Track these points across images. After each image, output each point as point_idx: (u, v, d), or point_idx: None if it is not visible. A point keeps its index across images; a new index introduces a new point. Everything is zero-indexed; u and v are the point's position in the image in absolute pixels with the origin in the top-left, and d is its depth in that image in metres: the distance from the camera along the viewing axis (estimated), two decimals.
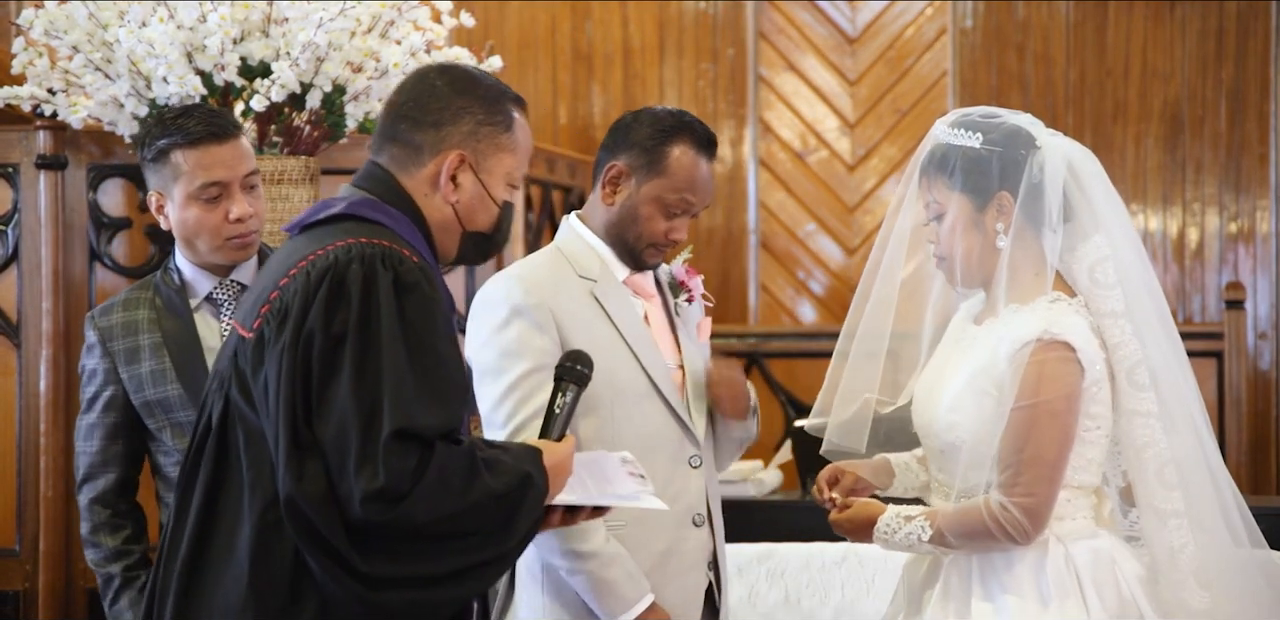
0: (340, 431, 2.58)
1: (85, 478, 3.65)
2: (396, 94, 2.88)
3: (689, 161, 3.40)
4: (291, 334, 2.64)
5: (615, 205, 3.42)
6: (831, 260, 8.00)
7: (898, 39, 7.99)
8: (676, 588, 3.40)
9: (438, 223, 2.83)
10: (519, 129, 2.86)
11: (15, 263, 5.26)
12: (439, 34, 5.05)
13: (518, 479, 2.67)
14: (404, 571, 2.61)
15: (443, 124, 2.81)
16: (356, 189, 2.84)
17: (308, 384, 2.62)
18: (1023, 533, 3.05)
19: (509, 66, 7.51)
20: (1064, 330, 3.06)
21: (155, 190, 3.60)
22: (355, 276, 2.64)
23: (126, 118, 4.85)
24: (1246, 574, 3.19)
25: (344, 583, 2.60)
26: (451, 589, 2.65)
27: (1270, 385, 7.61)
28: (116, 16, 4.80)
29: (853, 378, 3.33)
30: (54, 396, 5.16)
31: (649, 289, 3.50)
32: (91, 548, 3.65)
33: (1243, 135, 7.79)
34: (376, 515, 2.56)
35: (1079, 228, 3.16)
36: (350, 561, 2.59)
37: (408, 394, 2.59)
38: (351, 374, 2.59)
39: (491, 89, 2.86)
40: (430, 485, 2.57)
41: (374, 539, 2.59)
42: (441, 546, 2.62)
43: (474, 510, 2.62)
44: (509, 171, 2.85)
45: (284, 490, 2.60)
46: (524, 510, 2.68)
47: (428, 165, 2.81)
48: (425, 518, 2.58)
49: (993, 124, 3.17)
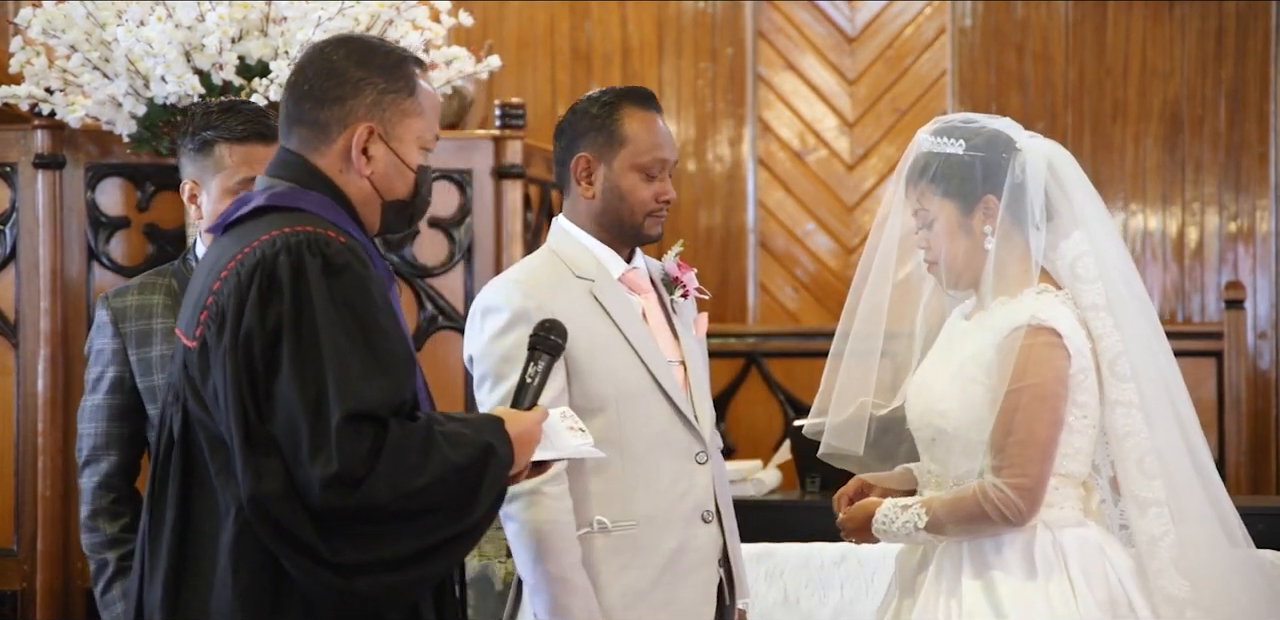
0: (290, 424, 2.59)
1: (88, 460, 3.63)
2: (295, 74, 2.87)
3: (642, 121, 3.42)
4: (230, 336, 2.65)
5: (596, 194, 3.42)
6: (831, 259, 7.99)
7: (897, 38, 7.98)
8: (689, 586, 3.40)
9: (358, 197, 2.83)
10: (423, 92, 2.86)
11: (13, 262, 5.26)
12: (438, 33, 5.05)
13: (479, 450, 2.68)
14: (373, 555, 2.61)
15: (345, 98, 2.81)
16: (272, 179, 2.84)
17: (254, 383, 2.62)
18: (1016, 513, 3.11)
19: (507, 66, 7.52)
20: (1050, 317, 3.14)
21: (191, 179, 3.61)
22: (284, 268, 2.65)
23: (125, 117, 4.85)
24: (1230, 564, 3.24)
25: (316, 575, 2.61)
26: (423, 568, 2.65)
27: (1270, 385, 7.60)
28: (114, 15, 4.80)
29: (847, 380, 3.38)
30: (52, 396, 5.16)
31: (644, 285, 3.50)
32: (89, 533, 3.63)
33: (1242, 135, 7.78)
34: (337, 500, 2.57)
35: (1060, 225, 3.24)
36: (319, 553, 2.59)
37: (352, 375, 2.60)
38: (292, 366, 2.60)
39: (390, 55, 2.85)
40: (388, 464, 2.58)
41: (340, 527, 2.60)
42: (407, 525, 2.63)
43: (436, 485, 2.62)
44: (419, 135, 2.86)
45: (245, 490, 2.61)
46: (487, 481, 2.69)
47: (337, 142, 2.82)
48: (387, 497, 2.58)
49: (973, 130, 3.25)
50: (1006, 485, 3.10)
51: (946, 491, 3.22)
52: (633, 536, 3.34)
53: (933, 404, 3.22)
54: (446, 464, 2.64)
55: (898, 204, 3.31)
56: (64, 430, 5.11)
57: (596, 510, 3.33)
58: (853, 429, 3.36)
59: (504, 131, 5.58)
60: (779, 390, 7.47)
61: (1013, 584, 3.14)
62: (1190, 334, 7.39)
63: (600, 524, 3.33)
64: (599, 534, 3.33)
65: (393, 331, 2.68)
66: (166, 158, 5.08)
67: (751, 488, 5.58)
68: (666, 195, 3.43)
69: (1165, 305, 7.77)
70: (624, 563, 3.34)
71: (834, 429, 3.37)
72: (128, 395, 3.61)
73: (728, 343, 7.52)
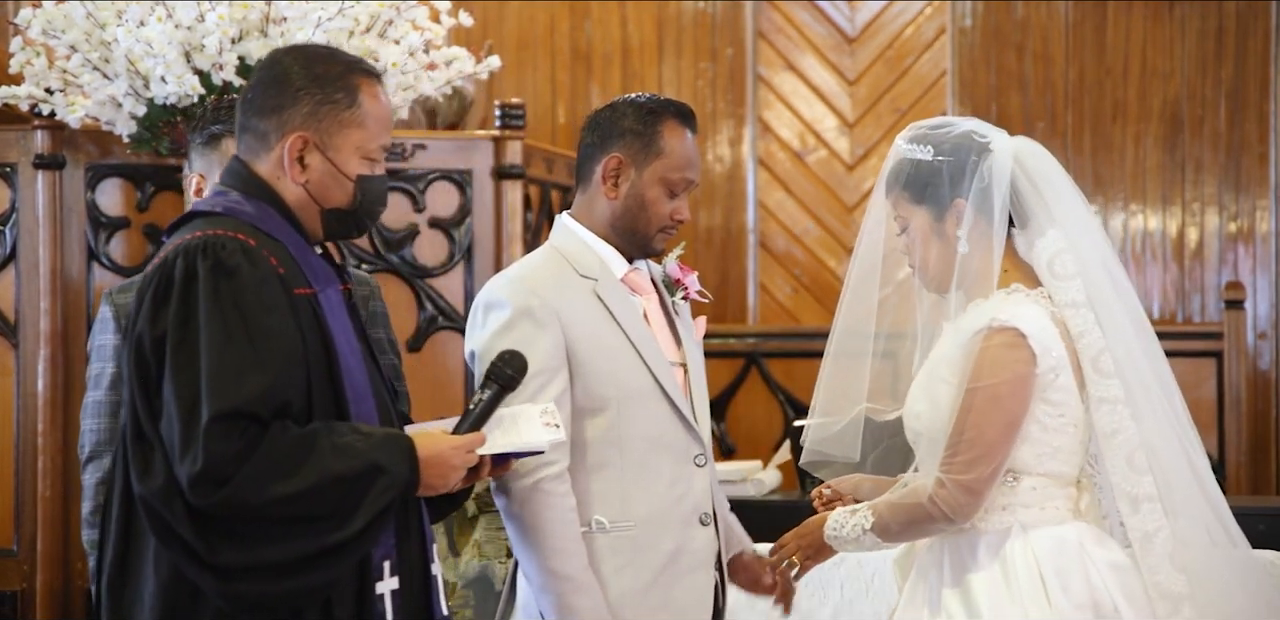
0: (168, 424, 2.66)
1: (90, 456, 3.64)
2: (246, 84, 2.96)
3: (681, 138, 3.43)
4: (128, 338, 2.75)
5: (619, 197, 3.42)
6: (831, 259, 7.99)
7: (897, 38, 7.98)
8: (686, 587, 3.39)
9: (295, 204, 2.89)
10: (366, 102, 2.90)
11: (13, 262, 5.26)
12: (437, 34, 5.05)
13: (364, 465, 2.71)
14: (248, 559, 2.66)
15: (283, 108, 2.88)
16: (221, 185, 2.93)
17: (145, 383, 2.70)
18: (955, 509, 3.13)
19: (507, 66, 7.52)
20: (1011, 317, 3.14)
21: (198, 172, 3.62)
22: (179, 272, 2.73)
23: (124, 117, 4.85)
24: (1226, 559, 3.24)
25: (199, 575, 2.67)
26: (300, 578, 2.69)
27: (1270, 385, 7.60)
28: (114, 16, 4.80)
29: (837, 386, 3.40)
30: (52, 396, 5.16)
31: (646, 286, 3.49)
32: (90, 528, 3.64)
33: (1242, 135, 7.78)
34: (203, 499, 2.63)
35: (1036, 223, 3.25)
36: (198, 553, 2.66)
37: (227, 375, 2.65)
38: (172, 368, 2.67)
39: (334, 66, 2.91)
40: (257, 466, 2.63)
41: (218, 528, 2.66)
42: (282, 531, 2.67)
43: (311, 493, 2.66)
44: (359, 146, 2.90)
45: (134, 487, 2.69)
46: (370, 496, 2.71)
47: (275, 149, 2.89)
48: (255, 499, 2.63)
49: (942, 134, 3.26)
50: (949, 481, 3.12)
51: (893, 494, 3.24)
52: (631, 537, 3.34)
53: (910, 405, 3.26)
54: (324, 473, 2.67)
55: (878, 210, 3.34)
56: (64, 430, 5.11)
57: (595, 510, 3.33)
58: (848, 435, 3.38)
59: (504, 132, 5.58)
60: (779, 390, 7.47)
61: (988, 587, 3.15)
62: (1190, 334, 7.39)
63: (599, 524, 3.33)
64: (597, 534, 3.33)
65: (282, 332, 2.73)
66: (166, 158, 5.08)
67: (751, 488, 5.58)
68: (681, 215, 3.44)
69: (1165, 305, 7.77)
70: (621, 563, 3.33)
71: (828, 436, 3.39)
72: None
73: (728, 343, 7.52)
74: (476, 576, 4.82)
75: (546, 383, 3.26)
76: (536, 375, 3.28)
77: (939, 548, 3.24)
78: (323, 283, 2.86)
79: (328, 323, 2.83)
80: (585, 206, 3.47)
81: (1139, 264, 7.78)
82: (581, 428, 3.32)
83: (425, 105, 5.92)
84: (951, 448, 3.14)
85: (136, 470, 2.70)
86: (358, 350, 2.88)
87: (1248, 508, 4.59)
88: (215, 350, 2.67)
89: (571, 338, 3.32)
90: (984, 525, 3.19)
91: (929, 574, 3.24)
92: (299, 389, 2.74)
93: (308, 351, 2.77)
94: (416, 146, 5.48)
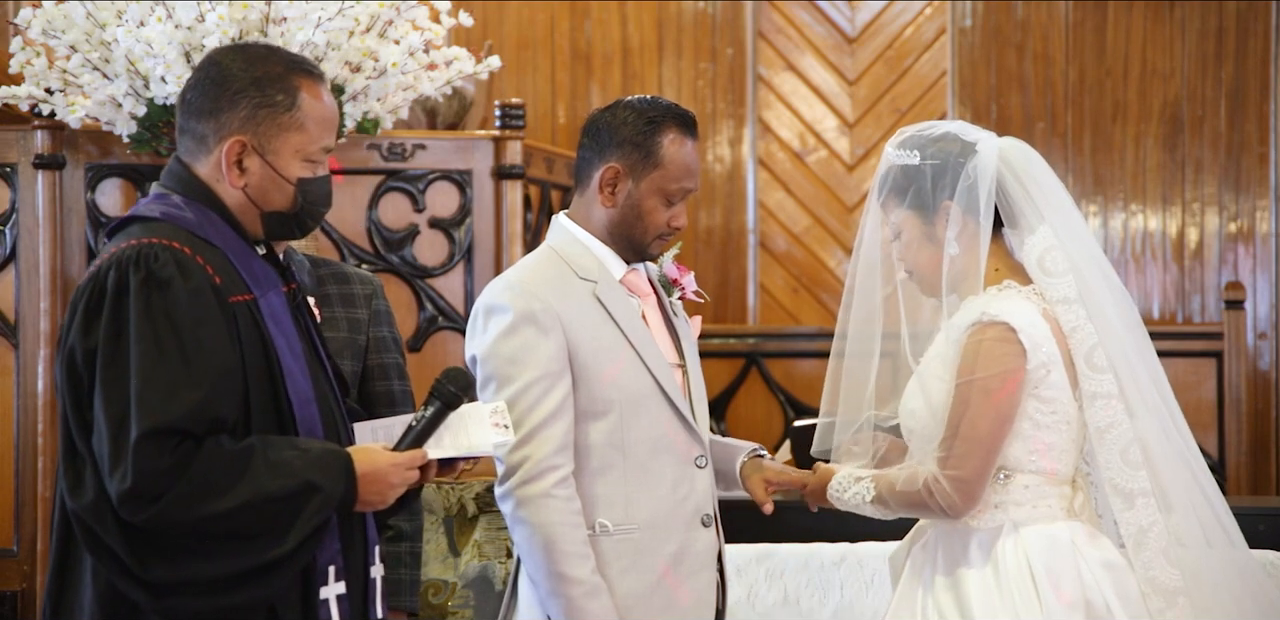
0: (99, 440, 2.64)
1: None
2: (186, 85, 2.90)
3: (680, 149, 3.41)
4: (60, 351, 2.72)
5: (616, 206, 3.41)
6: (830, 260, 7.99)
7: (897, 39, 7.99)
8: (689, 588, 3.39)
9: (235, 207, 2.86)
10: (306, 105, 2.86)
11: (13, 262, 5.25)
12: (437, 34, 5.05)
13: (298, 483, 2.68)
14: (182, 575, 2.64)
15: (220, 111, 2.84)
16: (161, 187, 2.89)
17: (77, 398, 2.68)
18: (951, 505, 3.15)
19: (507, 66, 7.52)
20: (1000, 312, 3.16)
21: None
22: (110, 283, 2.70)
23: (124, 117, 4.85)
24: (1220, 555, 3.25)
25: (132, 590, 2.65)
26: (234, 594, 2.68)
27: (1270, 385, 7.60)
28: (114, 16, 4.79)
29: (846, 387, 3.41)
30: (51, 397, 5.15)
31: (644, 287, 3.49)
32: None
33: (1243, 135, 7.78)
34: (132, 516, 2.61)
35: (1025, 222, 3.26)
36: (130, 568, 2.64)
37: (158, 391, 2.62)
38: (102, 383, 2.65)
39: (274, 67, 2.86)
40: (189, 483, 2.61)
41: (151, 544, 2.64)
42: (215, 547, 2.66)
43: (243, 510, 2.64)
44: (298, 149, 2.86)
45: (66, 502, 2.67)
46: (304, 515, 2.69)
47: (214, 153, 2.85)
48: (186, 517, 2.62)
49: (928, 138, 3.28)
50: (944, 477, 3.14)
51: (897, 470, 3.25)
52: (634, 540, 3.34)
53: (905, 403, 3.28)
54: (257, 491, 2.65)
55: (873, 215, 3.36)
56: None
57: (599, 514, 3.33)
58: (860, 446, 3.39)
59: (504, 132, 5.57)
60: (779, 390, 7.47)
61: (979, 585, 3.16)
62: (1190, 334, 7.39)
63: (602, 527, 3.33)
64: (601, 537, 3.32)
65: (215, 347, 2.69)
66: (166, 158, 5.07)
67: None
68: (678, 222, 3.43)
69: (1165, 305, 7.77)
70: (625, 566, 3.33)
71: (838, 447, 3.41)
72: None
73: (728, 343, 7.52)
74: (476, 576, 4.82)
75: (550, 387, 3.26)
76: (540, 380, 3.28)
77: (933, 545, 3.25)
78: (264, 287, 2.82)
79: (268, 328, 2.79)
80: (583, 210, 3.46)
81: (1139, 264, 7.78)
82: (584, 431, 3.31)
83: (425, 105, 5.92)
84: (945, 442, 3.16)
85: (67, 484, 2.67)
86: (300, 354, 2.83)
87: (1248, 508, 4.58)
88: (146, 365, 2.63)
89: (574, 341, 3.31)
90: (976, 523, 3.20)
91: (922, 571, 3.26)
92: (234, 402, 2.71)
93: (245, 361, 2.74)
94: (416, 146, 5.48)
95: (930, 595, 3.21)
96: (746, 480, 3.51)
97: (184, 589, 2.65)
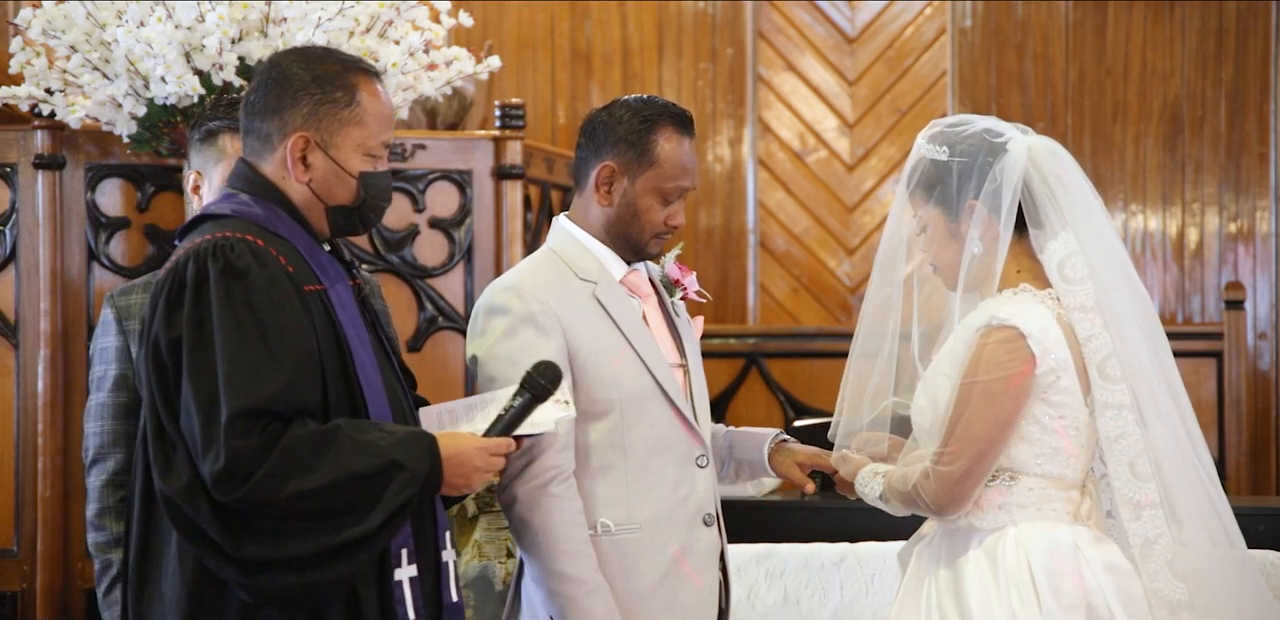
0: (189, 424, 2.73)
1: (95, 459, 3.63)
2: (250, 85, 3.01)
3: (676, 147, 3.40)
4: (144, 343, 2.81)
5: (613, 205, 3.41)
6: (830, 260, 7.99)
7: (897, 39, 7.99)
8: (691, 588, 3.39)
9: (301, 203, 2.96)
10: (365, 100, 2.97)
11: (13, 263, 5.25)
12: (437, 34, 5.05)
13: (383, 462, 2.78)
14: (272, 553, 2.73)
15: (283, 109, 2.94)
16: (229, 187, 2.98)
17: (165, 386, 2.77)
18: (937, 503, 3.17)
19: (507, 66, 7.51)
20: (1011, 316, 3.15)
21: (195, 170, 3.63)
22: (190, 275, 2.79)
23: (124, 117, 4.85)
24: (1227, 566, 3.24)
25: (224, 569, 2.74)
26: (321, 571, 2.76)
27: (1270, 385, 7.60)
28: (114, 16, 4.79)
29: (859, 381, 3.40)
30: (52, 397, 5.15)
31: (644, 288, 3.49)
32: (95, 531, 3.63)
33: (1243, 135, 7.78)
34: (225, 495, 2.70)
35: (1049, 226, 3.24)
36: (223, 548, 2.73)
37: (244, 375, 2.72)
38: (189, 371, 2.74)
39: (332, 65, 2.96)
40: (278, 462, 2.71)
41: (242, 523, 2.73)
42: (304, 525, 2.74)
43: (330, 489, 2.74)
44: (359, 143, 2.96)
45: (156, 485, 2.76)
46: (389, 493, 2.78)
47: (278, 150, 2.95)
48: (276, 495, 2.71)
49: (959, 134, 3.27)
50: (935, 473, 3.15)
51: (900, 468, 3.27)
52: (636, 540, 3.34)
53: (915, 400, 3.28)
54: (344, 469, 2.75)
55: (898, 207, 3.34)
56: (64, 431, 5.11)
57: (601, 514, 3.33)
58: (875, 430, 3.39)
59: (504, 132, 5.58)
60: (779, 390, 7.47)
61: (979, 586, 3.16)
62: (1190, 334, 7.39)
63: (604, 527, 3.33)
64: (603, 537, 3.33)
65: (295, 332, 2.80)
66: (166, 158, 5.08)
67: (751, 488, 5.57)
68: (675, 220, 3.43)
69: (1165, 305, 7.78)
70: (627, 566, 3.33)
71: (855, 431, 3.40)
72: (132, 393, 3.60)
73: (728, 343, 7.52)
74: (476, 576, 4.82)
75: None
76: None
77: (937, 543, 3.25)
78: (332, 279, 2.93)
79: (339, 318, 2.89)
80: (581, 210, 3.47)
81: (1139, 264, 7.78)
82: (585, 432, 3.32)
83: (425, 105, 5.92)
84: (942, 441, 3.16)
85: (159, 469, 2.76)
86: (369, 344, 2.94)
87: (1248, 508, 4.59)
88: (231, 351, 2.73)
89: (573, 343, 3.32)
90: (979, 524, 3.20)
91: (925, 569, 3.26)
92: (315, 386, 2.81)
93: (320, 348, 2.84)
94: (416, 146, 5.48)
95: (933, 593, 3.21)
96: (778, 466, 3.53)
97: (274, 566, 2.74)
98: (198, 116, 3.66)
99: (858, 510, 5.07)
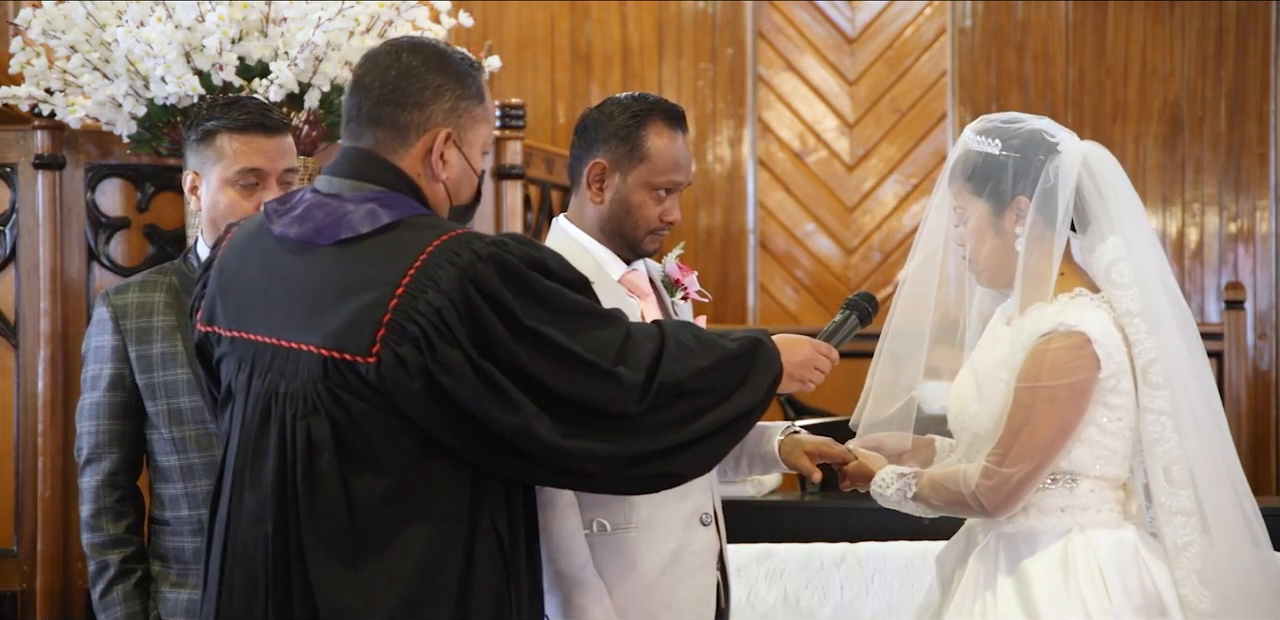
0: (585, 374, 2.75)
1: (90, 458, 3.60)
2: (368, 76, 2.89)
3: (667, 142, 3.40)
4: (471, 341, 2.71)
5: (605, 202, 3.41)
6: (830, 260, 7.99)
7: (897, 39, 7.99)
8: (688, 588, 3.39)
9: (433, 201, 2.89)
10: (488, 99, 2.96)
11: (13, 263, 5.25)
12: (438, 34, 5.05)
13: (749, 341, 2.95)
14: (686, 436, 2.83)
15: (426, 103, 2.85)
16: (353, 181, 2.86)
17: (523, 371, 2.72)
18: (992, 503, 3.15)
19: (507, 66, 7.52)
20: (1078, 321, 3.14)
21: (193, 170, 3.61)
22: (493, 267, 2.73)
23: (124, 117, 4.85)
24: (1256, 576, 3.24)
25: (650, 464, 2.83)
26: (723, 444, 2.91)
27: (1270, 385, 7.60)
28: (114, 16, 4.79)
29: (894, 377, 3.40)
30: (51, 397, 5.15)
31: (644, 287, 3.49)
32: (91, 532, 3.59)
33: (1243, 135, 7.79)
34: (644, 392, 2.77)
35: (1097, 229, 3.25)
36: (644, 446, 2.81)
37: (596, 327, 2.79)
38: (563, 331, 2.75)
39: (462, 62, 2.92)
40: (675, 351, 2.83)
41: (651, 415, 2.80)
42: (701, 401, 2.84)
43: (719, 367, 2.87)
44: (484, 140, 2.94)
45: (552, 442, 2.74)
46: (759, 366, 2.93)
47: (415, 145, 2.86)
48: (683, 373, 2.81)
49: (1012, 130, 3.25)
50: (997, 476, 3.14)
51: (939, 468, 3.26)
52: (632, 539, 3.34)
53: (966, 406, 3.26)
54: (723, 350, 2.90)
55: (939, 200, 3.34)
56: (64, 431, 5.10)
57: (597, 513, 3.33)
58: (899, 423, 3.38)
59: (504, 132, 5.57)
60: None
61: (1047, 585, 3.15)
62: None
63: (600, 526, 3.33)
64: (598, 536, 3.33)
65: (594, 299, 2.87)
66: (166, 158, 5.08)
67: (751, 488, 5.57)
68: (670, 216, 3.42)
69: None
70: (623, 565, 3.33)
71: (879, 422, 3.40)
72: (128, 392, 3.59)
73: None
74: None
75: None
76: None
77: (993, 550, 3.24)
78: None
79: None
80: (577, 209, 3.47)
81: None
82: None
83: None
84: (1002, 444, 3.15)
85: (550, 431, 2.73)
86: None
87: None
88: (583, 324, 2.78)
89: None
90: (1042, 526, 3.20)
91: (982, 578, 3.24)
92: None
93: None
94: None
95: (993, 600, 3.20)
96: (788, 456, 3.52)
97: (689, 448, 2.85)
98: (194, 117, 3.65)
99: (858, 510, 5.08)
